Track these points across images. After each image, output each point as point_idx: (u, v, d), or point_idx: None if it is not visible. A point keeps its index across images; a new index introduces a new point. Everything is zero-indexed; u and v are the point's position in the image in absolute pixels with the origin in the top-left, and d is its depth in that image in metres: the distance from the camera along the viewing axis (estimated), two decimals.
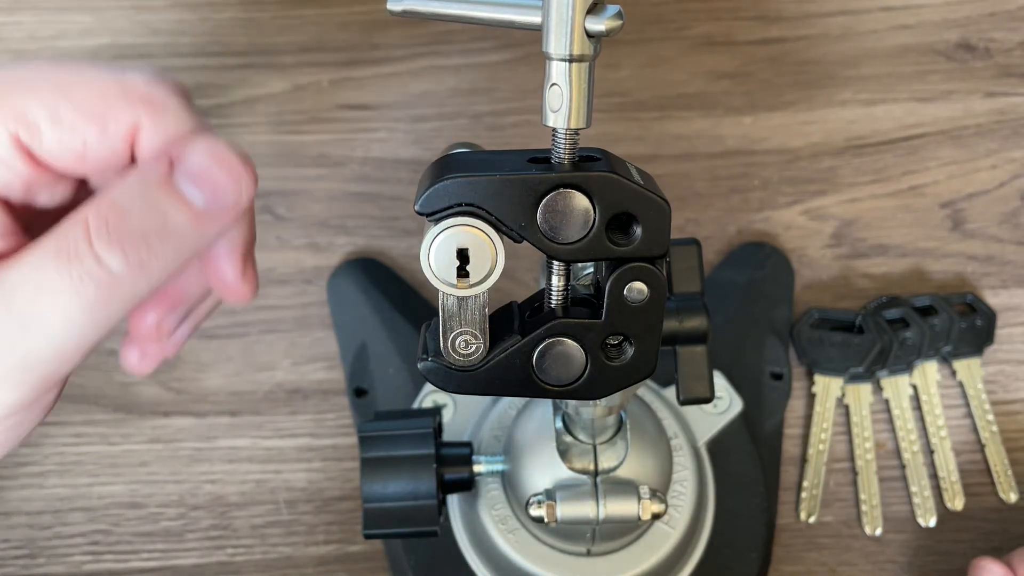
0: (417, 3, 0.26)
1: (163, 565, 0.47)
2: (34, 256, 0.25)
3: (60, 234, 0.25)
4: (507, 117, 0.59)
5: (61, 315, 0.25)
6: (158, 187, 0.26)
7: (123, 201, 0.26)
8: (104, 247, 0.25)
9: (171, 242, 0.26)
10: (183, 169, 0.27)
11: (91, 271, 0.25)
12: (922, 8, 0.62)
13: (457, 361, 0.29)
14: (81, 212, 0.26)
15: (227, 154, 0.27)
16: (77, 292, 0.25)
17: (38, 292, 0.25)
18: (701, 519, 0.45)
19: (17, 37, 0.61)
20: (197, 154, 0.27)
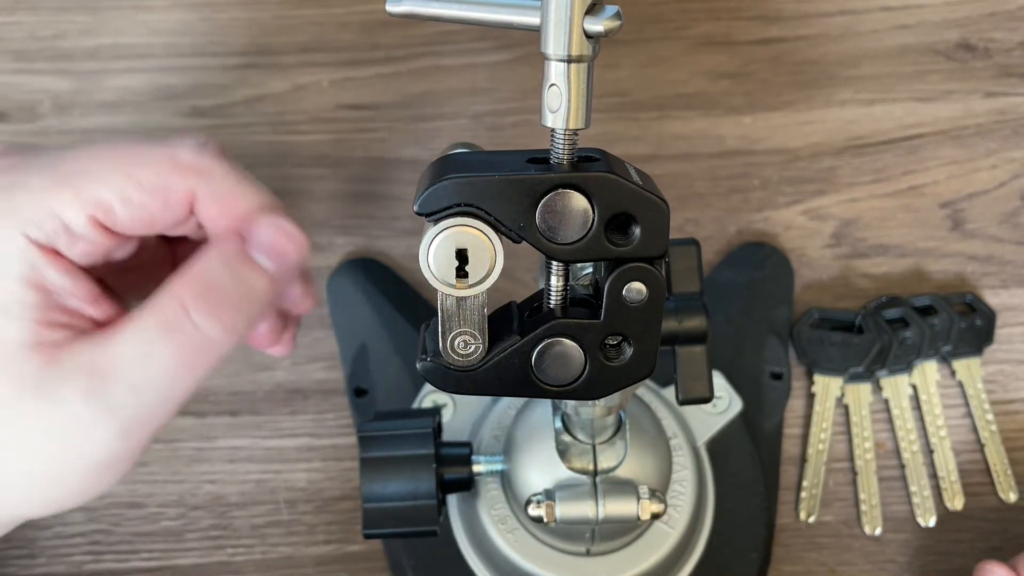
0: (417, 4, 0.26)
1: (163, 565, 0.47)
2: (138, 329, 0.30)
3: (159, 309, 0.31)
4: (507, 117, 0.59)
5: (168, 377, 0.30)
6: (238, 261, 0.32)
7: (211, 276, 0.31)
8: (202, 318, 0.31)
9: (254, 302, 0.32)
10: (255, 243, 0.33)
11: (192, 338, 0.30)
12: (922, 8, 0.62)
13: (456, 361, 0.29)
14: (174, 288, 0.31)
15: (287, 226, 0.33)
16: (181, 358, 0.30)
17: (146, 360, 0.30)
18: (701, 519, 0.45)
19: (17, 37, 0.61)
20: (263, 229, 0.33)
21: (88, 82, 0.60)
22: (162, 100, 0.59)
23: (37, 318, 0.30)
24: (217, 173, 0.33)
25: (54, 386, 0.30)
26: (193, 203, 0.33)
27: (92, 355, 0.30)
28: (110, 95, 0.59)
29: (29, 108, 0.59)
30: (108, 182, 0.31)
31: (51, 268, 0.31)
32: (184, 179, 0.32)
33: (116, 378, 0.30)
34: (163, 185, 0.32)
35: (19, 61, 0.60)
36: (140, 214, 0.32)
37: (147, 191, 0.32)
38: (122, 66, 0.60)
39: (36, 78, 0.60)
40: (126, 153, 0.32)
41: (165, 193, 0.32)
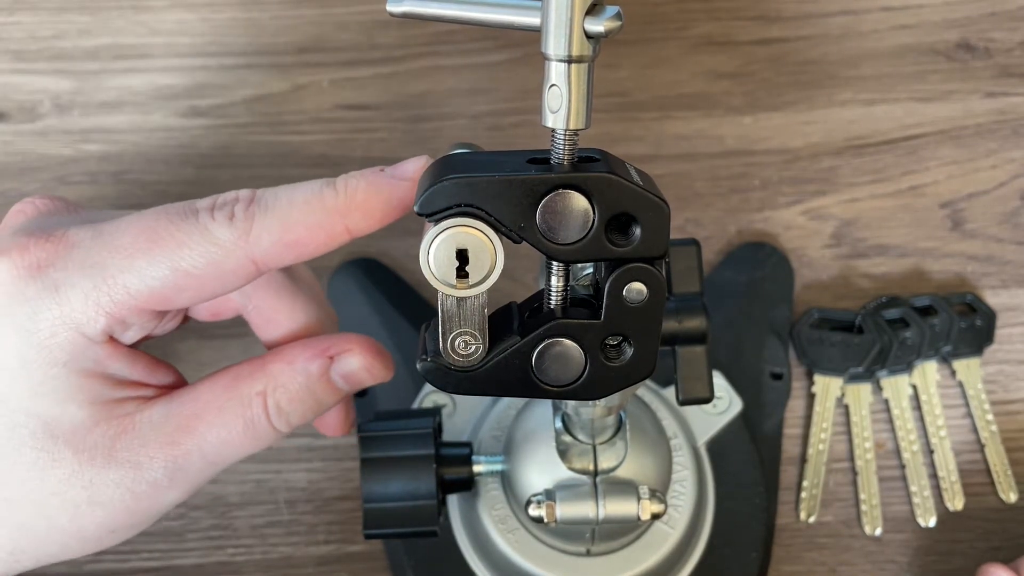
0: (417, 4, 0.26)
1: (163, 565, 0.47)
2: (224, 419, 0.34)
3: (244, 402, 0.34)
4: (507, 117, 0.59)
5: (237, 456, 0.35)
6: (319, 381, 0.35)
7: (293, 390, 0.35)
8: (278, 421, 0.35)
9: (319, 412, 0.36)
10: (338, 370, 0.36)
11: (265, 433, 0.35)
12: (922, 8, 0.62)
13: (456, 361, 0.29)
14: (258, 384, 0.35)
15: (374, 364, 0.36)
16: (254, 444, 0.35)
17: (226, 446, 0.34)
18: (701, 519, 0.45)
19: (17, 37, 0.61)
20: (353, 359, 0.36)
21: (88, 82, 0.60)
22: (162, 100, 0.59)
23: (102, 400, 0.33)
24: (258, 233, 0.32)
25: (131, 453, 0.33)
26: (255, 265, 0.33)
27: (174, 431, 0.34)
28: (110, 95, 0.59)
29: (29, 108, 0.59)
30: (157, 276, 0.32)
31: (109, 359, 0.33)
32: (232, 255, 0.32)
33: (199, 455, 0.34)
34: (213, 267, 0.32)
35: (19, 61, 0.60)
36: (196, 295, 0.33)
37: (198, 277, 0.32)
38: (122, 66, 0.60)
39: (36, 78, 0.60)
40: (169, 242, 0.32)
41: (217, 273, 0.32)
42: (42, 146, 0.58)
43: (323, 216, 0.32)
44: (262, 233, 0.32)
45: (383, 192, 0.32)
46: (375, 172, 0.33)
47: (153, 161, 0.58)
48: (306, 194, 0.32)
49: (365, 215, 0.32)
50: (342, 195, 0.32)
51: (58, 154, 0.58)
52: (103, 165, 0.58)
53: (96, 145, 0.58)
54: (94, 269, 0.32)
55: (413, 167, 0.33)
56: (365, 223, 0.32)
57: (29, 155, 0.58)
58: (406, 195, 0.32)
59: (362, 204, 0.32)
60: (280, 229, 0.32)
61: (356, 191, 0.32)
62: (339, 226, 0.32)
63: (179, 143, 0.58)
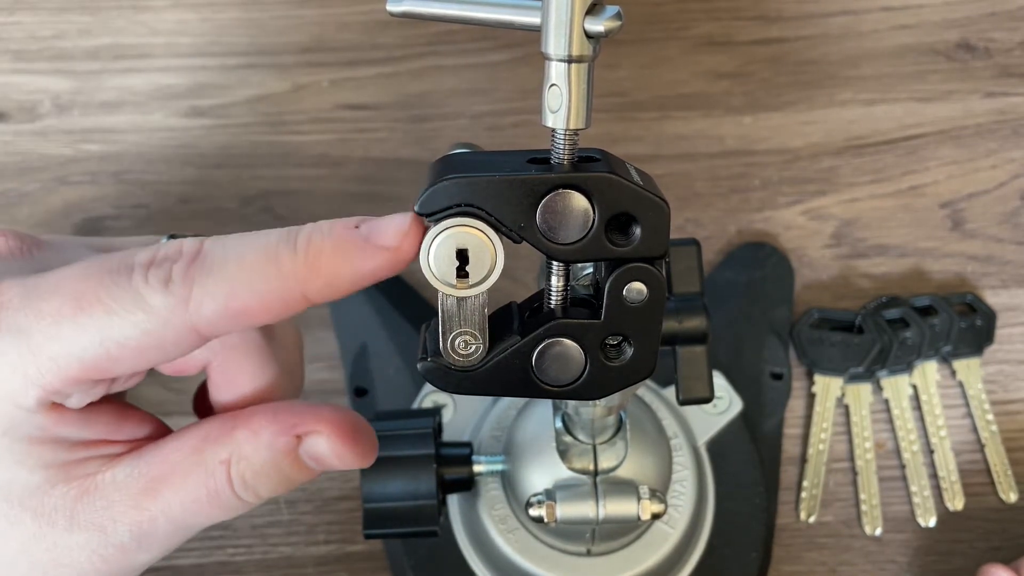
0: (417, 4, 0.26)
1: (163, 565, 0.47)
2: (188, 488, 0.31)
3: (208, 471, 0.31)
4: (507, 117, 0.59)
5: (205, 523, 0.32)
6: (285, 458, 0.31)
7: (257, 464, 0.31)
8: (243, 493, 0.31)
9: (289, 487, 0.32)
10: (307, 450, 0.31)
11: (231, 503, 0.31)
12: (922, 8, 0.62)
13: (457, 361, 0.29)
14: (222, 452, 0.31)
15: (344, 451, 0.31)
16: (221, 513, 0.32)
17: (192, 514, 0.31)
18: (701, 519, 0.45)
19: (17, 37, 0.61)
20: (321, 441, 0.31)
21: (88, 82, 0.60)
22: (162, 100, 0.59)
23: (57, 463, 0.30)
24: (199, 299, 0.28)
25: (95, 516, 0.30)
26: (198, 333, 0.29)
27: (139, 495, 0.31)
28: (110, 95, 0.59)
29: (29, 108, 0.59)
30: (87, 347, 0.28)
31: (55, 425, 0.30)
32: (171, 323, 0.28)
33: (165, 520, 0.31)
34: (149, 337, 0.28)
35: (19, 61, 0.60)
36: (134, 364, 0.29)
37: (133, 347, 0.28)
38: (122, 66, 0.60)
39: (36, 78, 0.60)
40: (97, 309, 0.28)
41: (156, 341, 0.28)
42: (42, 146, 0.58)
43: (276, 283, 0.28)
44: (204, 299, 0.28)
45: (352, 260, 0.28)
46: (347, 229, 0.28)
47: (153, 161, 0.58)
48: (258, 254, 0.28)
49: (327, 284, 0.28)
50: (301, 259, 0.28)
51: (58, 154, 0.58)
52: (103, 165, 0.58)
53: (96, 145, 0.58)
54: (19, 336, 0.28)
55: (394, 231, 0.28)
56: (327, 292, 0.28)
57: (29, 155, 0.58)
58: (378, 266, 0.28)
59: (325, 272, 0.28)
60: (225, 296, 0.28)
61: (319, 255, 0.28)
62: (295, 294, 0.28)
63: (179, 143, 0.58)
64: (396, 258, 0.28)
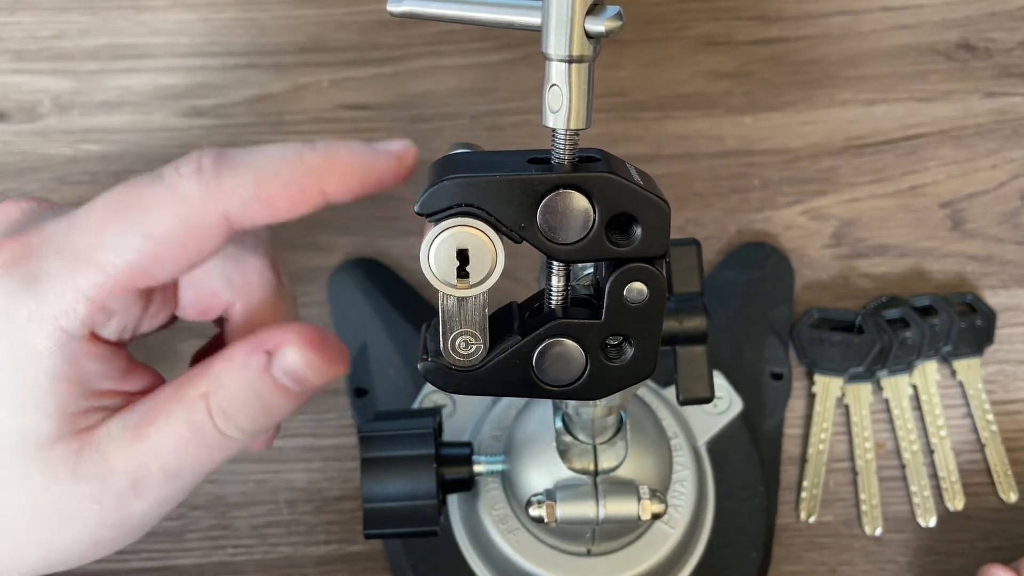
0: (417, 4, 0.26)
1: (163, 565, 0.47)
2: (171, 427, 0.32)
3: (188, 408, 0.32)
4: (507, 117, 0.59)
5: (196, 467, 0.32)
6: (260, 378, 0.32)
7: (233, 390, 0.32)
8: (225, 426, 0.32)
9: (273, 413, 0.32)
10: (279, 365, 0.32)
11: (216, 440, 0.32)
12: (922, 8, 0.62)
13: (457, 361, 0.29)
14: (200, 386, 0.32)
15: (313, 359, 0.32)
16: (207, 454, 0.32)
17: (180, 454, 0.32)
18: (701, 519, 0.45)
19: (17, 37, 0.61)
20: (289, 352, 0.32)
21: (88, 82, 0.60)
22: (162, 100, 0.59)
23: (70, 410, 0.31)
24: (231, 186, 0.31)
25: (94, 467, 0.31)
26: (230, 222, 0.31)
27: (131, 442, 0.32)
28: (110, 95, 0.59)
29: (29, 108, 0.59)
30: (131, 247, 0.30)
31: (86, 357, 0.31)
32: (206, 212, 0.31)
33: (156, 466, 0.32)
34: (187, 227, 0.30)
35: (19, 61, 0.60)
36: (175, 263, 0.31)
37: (174, 241, 0.30)
38: (122, 66, 0.60)
39: (36, 78, 0.60)
40: (136, 209, 0.30)
41: (193, 234, 0.31)
42: (42, 146, 0.58)
43: (299, 173, 0.30)
44: (235, 187, 0.30)
45: (364, 159, 0.31)
46: (356, 142, 0.32)
47: (153, 161, 0.58)
48: (283, 151, 0.31)
49: (343, 178, 0.31)
50: (321, 154, 0.31)
51: (58, 154, 0.58)
52: (103, 165, 0.57)
53: (96, 145, 0.58)
54: (67, 254, 0.30)
55: (397, 145, 0.32)
56: (342, 187, 0.31)
57: (29, 155, 0.58)
58: (386, 169, 0.31)
59: (341, 166, 0.31)
60: (254, 182, 0.30)
61: (337, 152, 0.31)
62: (315, 187, 0.31)
63: (179, 143, 0.58)
64: (401, 164, 0.32)
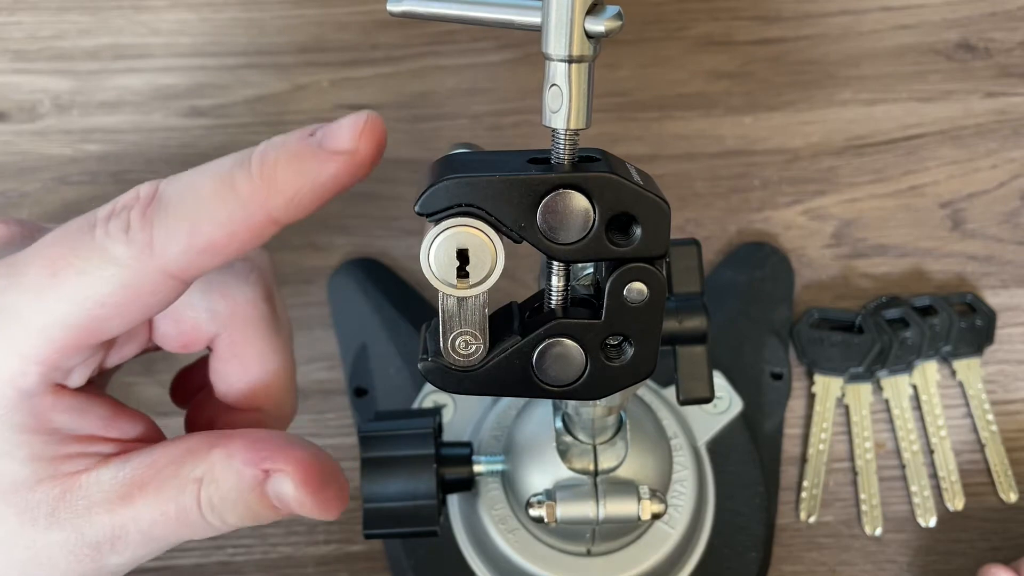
0: (417, 4, 0.26)
1: (163, 565, 0.47)
2: (159, 504, 0.30)
3: (179, 487, 0.30)
4: (507, 117, 0.59)
5: (175, 539, 0.31)
6: (252, 492, 0.30)
7: (225, 491, 0.30)
8: (210, 516, 0.31)
9: (259, 520, 0.31)
10: (272, 487, 0.31)
11: (200, 525, 0.31)
12: (922, 8, 0.62)
13: (457, 361, 0.29)
14: (197, 469, 0.30)
15: (306, 499, 0.31)
16: (189, 532, 0.31)
17: (163, 529, 0.30)
18: (701, 519, 0.45)
19: (17, 37, 0.61)
20: (285, 482, 0.31)
21: (88, 82, 0.60)
22: (162, 100, 0.59)
23: (48, 456, 0.30)
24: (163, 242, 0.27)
25: (74, 515, 0.30)
26: (171, 274, 0.28)
27: (116, 502, 0.30)
28: (110, 95, 0.59)
29: (29, 108, 0.59)
30: (70, 313, 0.28)
31: (53, 411, 0.30)
32: (140, 272, 0.28)
33: (135, 529, 0.30)
34: (124, 290, 0.28)
35: (19, 61, 0.60)
36: (120, 321, 0.28)
37: (113, 304, 0.28)
38: (122, 66, 0.60)
39: (36, 78, 0.60)
40: (69, 271, 0.28)
41: (134, 294, 0.28)
42: (42, 146, 0.58)
43: (237, 209, 0.26)
44: (168, 242, 0.27)
45: (309, 171, 0.27)
46: (301, 139, 0.27)
47: (153, 161, 0.58)
48: (215, 183, 0.27)
49: (289, 201, 0.26)
50: (257, 179, 0.26)
51: (58, 154, 0.58)
52: (103, 165, 0.57)
53: (96, 145, 0.58)
54: (8, 315, 0.28)
55: (349, 132, 0.27)
56: (292, 210, 0.27)
57: (29, 155, 0.58)
58: (341, 171, 0.27)
59: (283, 188, 0.26)
60: (187, 233, 0.27)
61: (275, 172, 0.26)
62: (259, 217, 0.27)
63: (179, 143, 0.58)
64: (354, 162, 0.27)
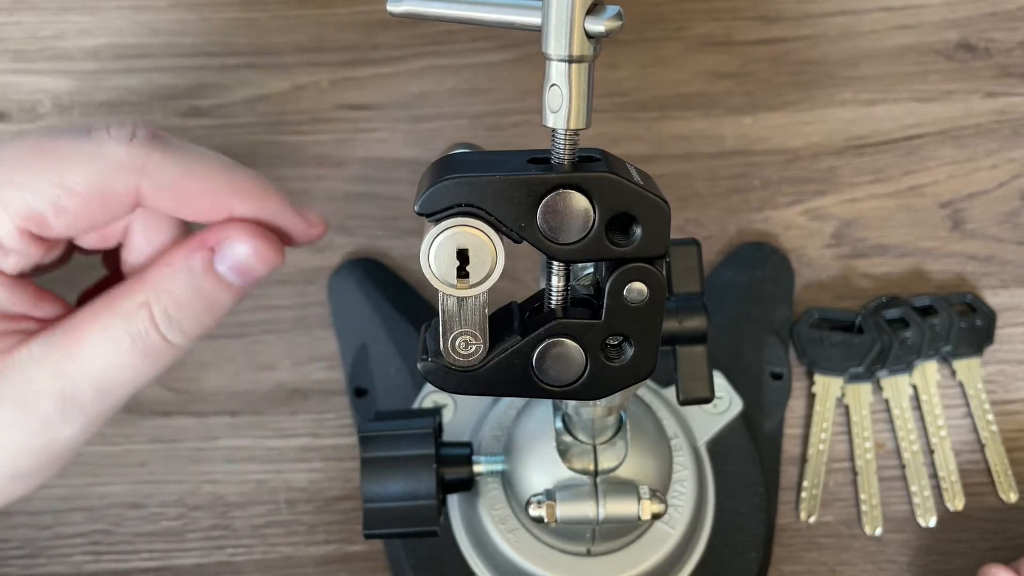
0: (417, 4, 0.26)
1: (163, 565, 0.47)
2: (107, 336, 0.31)
3: (127, 317, 0.31)
4: (507, 117, 0.59)
5: (134, 380, 0.32)
6: (205, 277, 0.32)
7: (179, 293, 0.32)
8: (169, 331, 0.32)
9: (217, 314, 0.33)
10: (223, 260, 0.32)
11: (160, 348, 0.32)
12: (922, 8, 0.62)
13: (457, 361, 0.29)
14: (142, 296, 0.31)
15: (261, 245, 0.32)
16: (148, 363, 0.32)
17: (117, 366, 0.31)
18: (701, 519, 0.45)
19: (17, 37, 0.61)
20: (235, 245, 0.32)
21: (88, 82, 0.60)
22: (162, 100, 0.59)
23: None
24: (157, 165, 0.31)
25: (16, 390, 0.30)
26: (139, 198, 0.31)
27: (58, 360, 0.31)
28: (110, 95, 0.59)
29: (29, 108, 0.59)
30: (37, 191, 0.30)
31: None
32: (122, 178, 0.31)
33: (88, 382, 0.31)
34: (99, 187, 0.30)
35: (19, 61, 0.60)
36: (76, 220, 0.31)
37: (82, 197, 0.30)
38: (122, 66, 0.60)
39: (36, 78, 0.60)
40: (53, 155, 0.30)
41: (102, 196, 0.31)
42: None
43: (222, 186, 0.31)
44: (159, 167, 0.30)
45: (281, 206, 0.33)
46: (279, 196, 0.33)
47: None
48: (219, 161, 0.32)
49: (252, 206, 0.32)
50: (249, 180, 0.32)
51: None
52: None
53: None
54: None
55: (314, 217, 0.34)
56: (248, 210, 0.32)
57: None
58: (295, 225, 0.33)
59: (259, 198, 0.32)
60: (178, 172, 0.31)
61: (264, 187, 0.32)
62: (225, 204, 0.32)
63: None
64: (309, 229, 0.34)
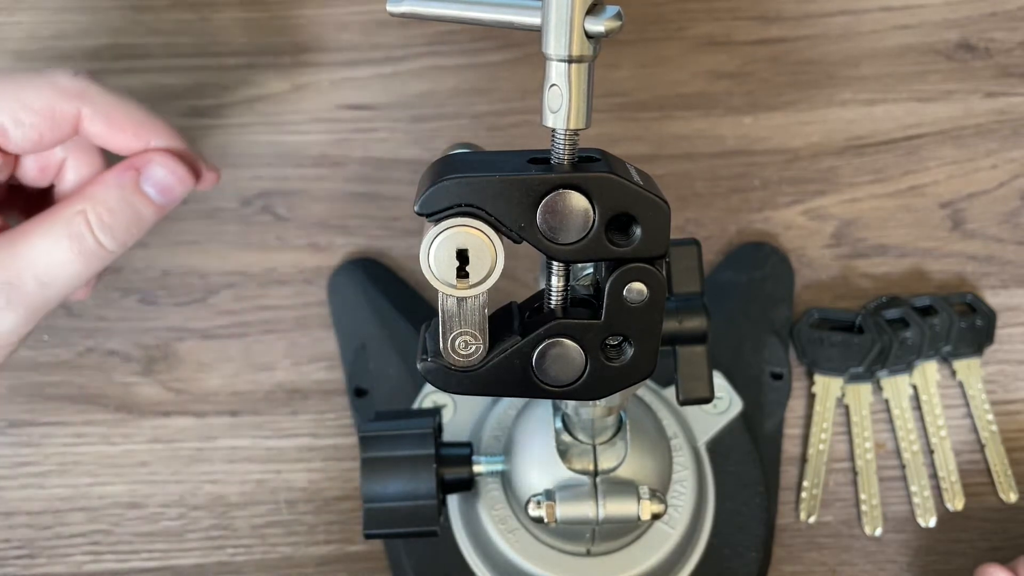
0: (417, 4, 0.26)
1: (163, 565, 0.48)
2: (48, 236, 0.38)
3: (66, 222, 0.39)
4: (507, 117, 0.59)
5: (71, 276, 0.39)
6: (132, 192, 0.40)
7: (110, 203, 0.40)
8: (102, 235, 0.39)
9: (143, 224, 0.41)
10: (147, 179, 0.41)
11: (94, 250, 0.39)
12: (922, 8, 0.62)
13: (457, 362, 0.29)
14: (79, 205, 0.39)
15: (177, 168, 0.41)
16: (83, 262, 0.39)
17: (56, 262, 0.38)
18: (701, 519, 0.45)
19: (17, 37, 0.61)
20: (156, 168, 0.41)
21: None
22: (162, 100, 0.59)
23: None
24: (95, 93, 0.40)
25: None
26: (79, 123, 0.39)
27: (4, 256, 0.37)
28: None
29: None
30: (0, 107, 0.38)
31: None
32: (68, 101, 0.39)
33: (30, 275, 0.38)
34: (50, 106, 0.38)
35: (19, 61, 0.60)
36: (30, 133, 0.38)
37: (36, 112, 0.38)
38: (122, 66, 0.60)
39: None
40: (12, 83, 0.38)
41: (52, 113, 0.39)
42: None
43: (146, 122, 0.40)
44: (97, 97, 0.39)
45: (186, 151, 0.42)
46: None
47: None
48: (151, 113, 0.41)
49: (166, 140, 0.41)
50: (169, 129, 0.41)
51: None
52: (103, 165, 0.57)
53: None
54: None
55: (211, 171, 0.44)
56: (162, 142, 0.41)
57: None
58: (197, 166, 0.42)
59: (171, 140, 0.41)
60: (114, 104, 0.39)
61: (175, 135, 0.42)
62: (144, 138, 0.41)
63: None
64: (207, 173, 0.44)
